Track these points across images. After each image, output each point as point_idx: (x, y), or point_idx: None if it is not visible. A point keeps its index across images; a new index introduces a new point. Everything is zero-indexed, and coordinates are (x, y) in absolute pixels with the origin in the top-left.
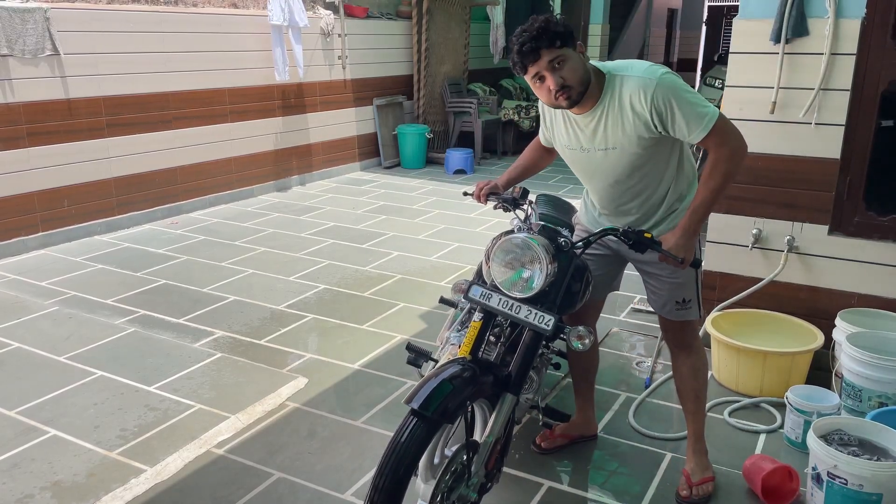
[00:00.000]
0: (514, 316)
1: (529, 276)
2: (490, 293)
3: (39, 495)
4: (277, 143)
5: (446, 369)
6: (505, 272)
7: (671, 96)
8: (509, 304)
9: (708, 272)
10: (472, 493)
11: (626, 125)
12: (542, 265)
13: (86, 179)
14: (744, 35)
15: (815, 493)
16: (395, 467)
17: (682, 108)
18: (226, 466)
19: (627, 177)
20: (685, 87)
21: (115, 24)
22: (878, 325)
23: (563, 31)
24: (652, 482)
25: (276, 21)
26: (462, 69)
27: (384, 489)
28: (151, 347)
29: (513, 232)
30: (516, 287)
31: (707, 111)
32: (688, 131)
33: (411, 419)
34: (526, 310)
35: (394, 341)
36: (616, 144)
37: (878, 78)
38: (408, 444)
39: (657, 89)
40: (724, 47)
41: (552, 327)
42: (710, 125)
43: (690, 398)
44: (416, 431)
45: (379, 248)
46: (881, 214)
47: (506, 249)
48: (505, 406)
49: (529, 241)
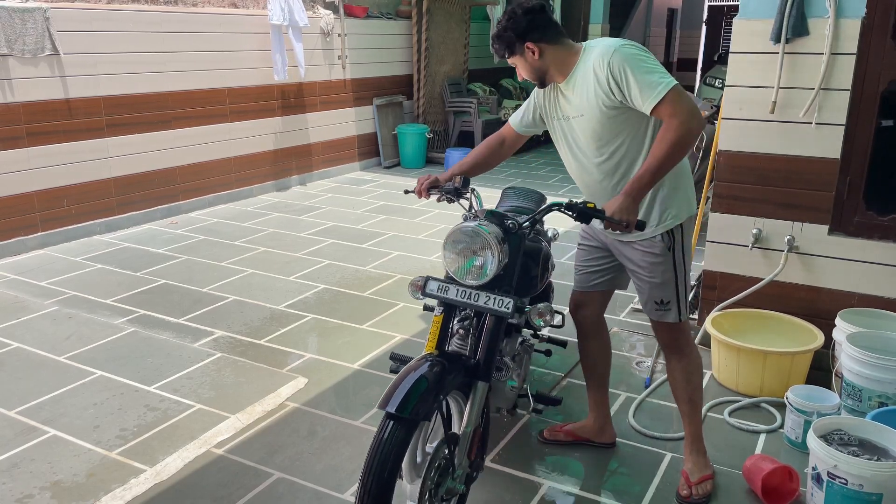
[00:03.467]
0: (474, 304)
1: (482, 262)
2: (447, 286)
3: (39, 495)
4: (277, 143)
5: (415, 368)
6: (457, 260)
7: (626, 64)
8: (467, 294)
9: (708, 272)
10: (459, 486)
11: (590, 91)
12: (492, 250)
13: (85, 179)
14: (744, 35)
15: (815, 493)
16: (378, 472)
17: (636, 76)
18: (226, 466)
19: (598, 149)
20: (643, 58)
21: (114, 24)
22: (878, 325)
23: (507, 44)
24: (652, 482)
25: (276, 21)
26: (462, 69)
27: (372, 494)
28: (151, 347)
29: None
30: (471, 275)
31: (661, 81)
32: (641, 99)
33: (388, 422)
34: (484, 296)
35: (394, 341)
36: (583, 111)
37: (878, 78)
38: (388, 447)
39: (614, 56)
40: (724, 47)
41: (512, 309)
42: (661, 94)
43: (684, 400)
44: (394, 433)
45: (379, 248)
46: (881, 214)
47: (455, 239)
48: (478, 394)
49: (478, 228)
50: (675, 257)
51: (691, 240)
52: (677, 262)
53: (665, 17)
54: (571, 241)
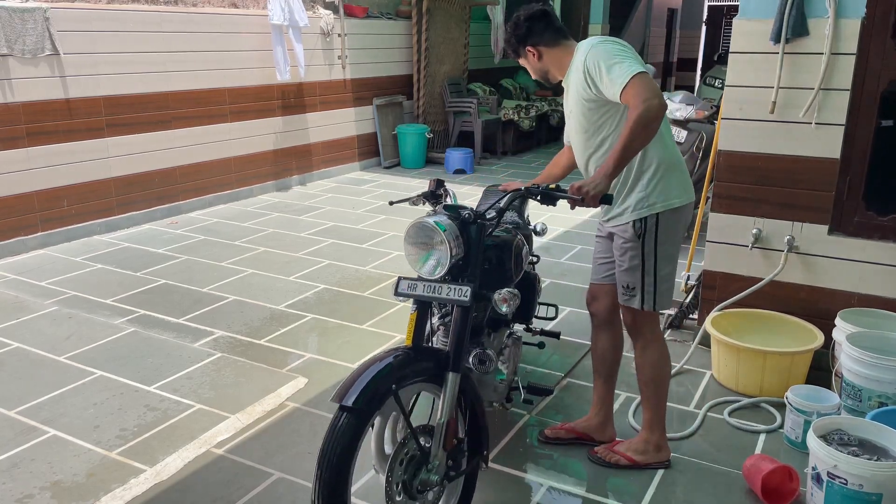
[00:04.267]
0: (437, 297)
1: (438, 255)
2: (416, 283)
3: (39, 495)
4: (277, 143)
5: (373, 362)
6: (416, 254)
7: (599, 57)
8: (432, 288)
9: (708, 272)
10: (433, 476)
11: (574, 84)
12: (445, 243)
13: (85, 179)
14: (744, 35)
15: (815, 493)
16: (331, 463)
17: (607, 68)
18: (225, 466)
19: (585, 141)
20: (615, 52)
21: (114, 24)
22: (878, 325)
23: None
24: (652, 482)
25: (276, 21)
26: (462, 69)
27: (327, 484)
28: (151, 347)
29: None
30: (429, 269)
31: (627, 69)
32: (611, 88)
33: (341, 414)
34: (447, 288)
35: (394, 341)
36: (571, 102)
37: (878, 78)
38: (340, 439)
39: (590, 51)
40: (724, 47)
41: (470, 297)
42: (626, 80)
43: (643, 383)
44: (346, 425)
45: (379, 248)
46: (881, 214)
47: (411, 235)
48: (449, 385)
49: (429, 221)
50: (644, 246)
51: (674, 234)
52: (646, 251)
53: (665, 17)
54: (571, 242)
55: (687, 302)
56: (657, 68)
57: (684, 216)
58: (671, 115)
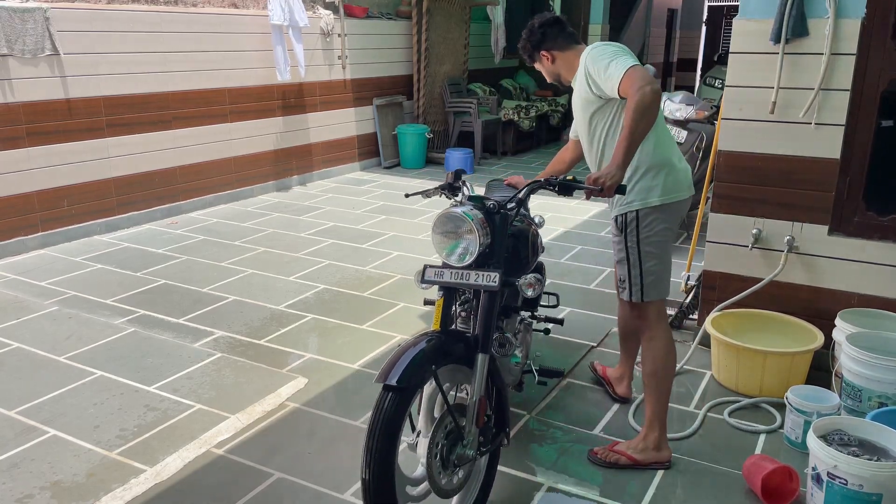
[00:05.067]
0: (465, 283)
1: (466, 244)
2: (442, 271)
3: (39, 495)
4: (277, 143)
5: (412, 344)
6: (444, 243)
7: (596, 59)
8: (459, 275)
9: (708, 272)
10: (468, 451)
11: (579, 85)
12: (474, 232)
13: (85, 179)
14: (744, 35)
15: (815, 493)
16: (380, 439)
17: (604, 67)
18: (226, 466)
19: (592, 136)
20: (610, 52)
21: (114, 24)
22: (878, 325)
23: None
24: (652, 482)
25: (276, 21)
26: (462, 69)
27: (376, 460)
28: (151, 347)
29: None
30: (456, 256)
31: (621, 65)
32: (609, 84)
33: (386, 394)
34: (474, 275)
35: (394, 341)
36: (578, 101)
37: (878, 78)
38: (387, 416)
39: (589, 54)
40: (724, 47)
41: (499, 282)
42: (620, 75)
43: (646, 379)
44: (391, 402)
45: (379, 248)
46: (881, 214)
47: (441, 224)
48: (479, 366)
49: (457, 211)
50: (626, 240)
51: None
52: (629, 245)
53: (665, 17)
54: (571, 242)
55: (687, 302)
56: (657, 68)
57: (670, 213)
58: (671, 115)
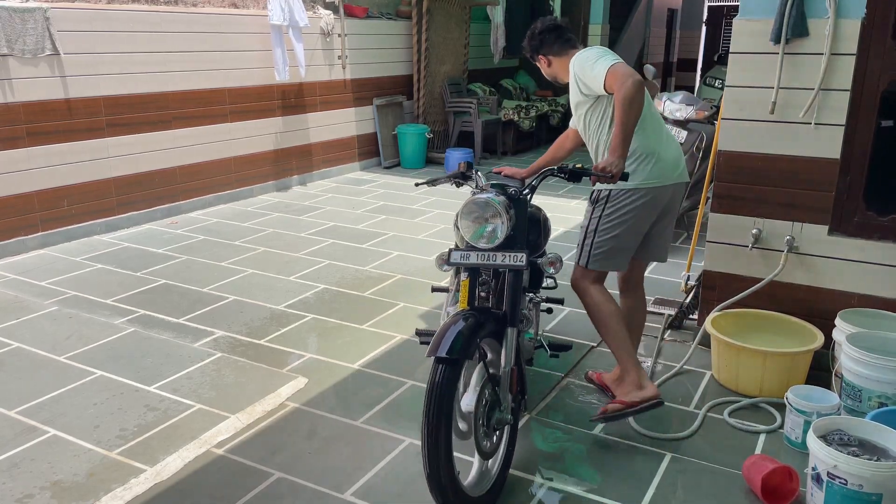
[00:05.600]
0: (493, 263)
1: (493, 227)
2: (468, 253)
3: (39, 495)
4: (277, 143)
5: (454, 322)
6: (472, 227)
7: (583, 63)
8: (486, 256)
9: (708, 272)
10: (506, 415)
11: (572, 85)
12: (501, 216)
13: (85, 179)
14: (744, 35)
15: (815, 493)
16: (437, 409)
17: (589, 68)
18: (226, 466)
19: (585, 129)
20: (593, 56)
21: (114, 24)
22: (878, 325)
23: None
24: (652, 482)
25: (276, 21)
26: (462, 69)
27: (434, 426)
28: (151, 347)
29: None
30: (484, 239)
31: (603, 66)
32: (596, 83)
33: (438, 366)
34: (501, 255)
35: (394, 341)
36: (573, 99)
37: (878, 78)
38: (442, 386)
39: (576, 60)
40: (724, 47)
41: (525, 261)
42: (604, 75)
43: (599, 333)
44: (445, 374)
45: (379, 248)
46: (881, 214)
47: (469, 210)
48: (509, 338)
49: (487, 197)
50: (592, 212)
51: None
52: (593, 216)
53: (665, 17)
54: (571, 242)
55: (687, 302)
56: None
57: (641, 197)
58: (671, 115)
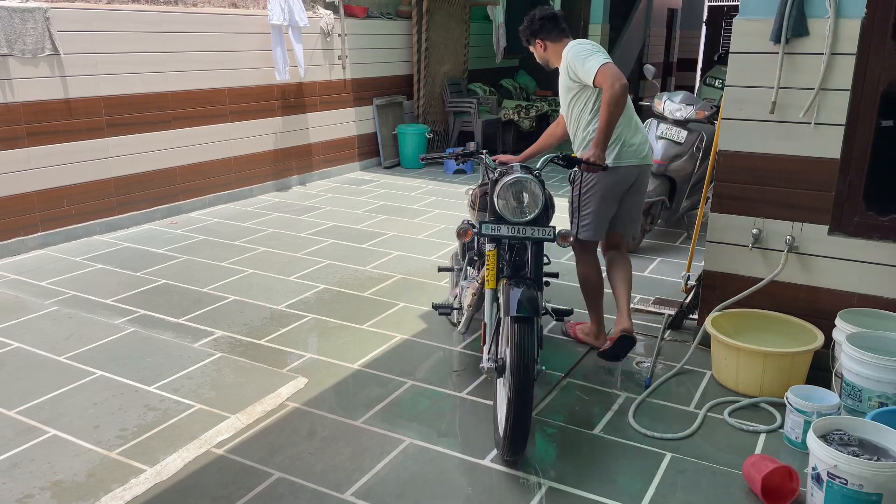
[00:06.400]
0: (523, 236)
1: (531, 201)
2: (499, 226)
3: (39, 495)
4: (277, 143)
5: (512, 287)
6: (510, 203)
7: (577, 53)
8: (517, 229)
9: (708, 272)
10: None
11: (563, 72)
12: (539, 193)
13: (85, 179)
14: (744, 35)
15: (815, 493)
16: (527, 359)
17: (582, 61)
18: (226, 466)
19: (569, 115)
20: (586, 50)
21: (115, 24)
22: (878, 325)
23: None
24: (652, 482)
25: (275, 21)
26: (462, 69)
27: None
28: (151, 347)
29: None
30: (518, 213)
31: (595, 62)
32: (587, 77)
33: (519, 325)
34: (531, 229)
35: (394, 341)
36: (562, 85)
37: (878, 78)
38: (528, 340)
39: (571, 49)
40: (724, 47)
41: (554, 234)
42: (595, 71)
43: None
44: (524, 326)
45: (379, 248)
46: (881, 214)
47: (507, 187)
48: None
49: (523, 176)
50: (573, 190)
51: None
52: (574, 195)
53: (665, 17)
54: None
55: (687, 302)
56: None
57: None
58: (672, 115)
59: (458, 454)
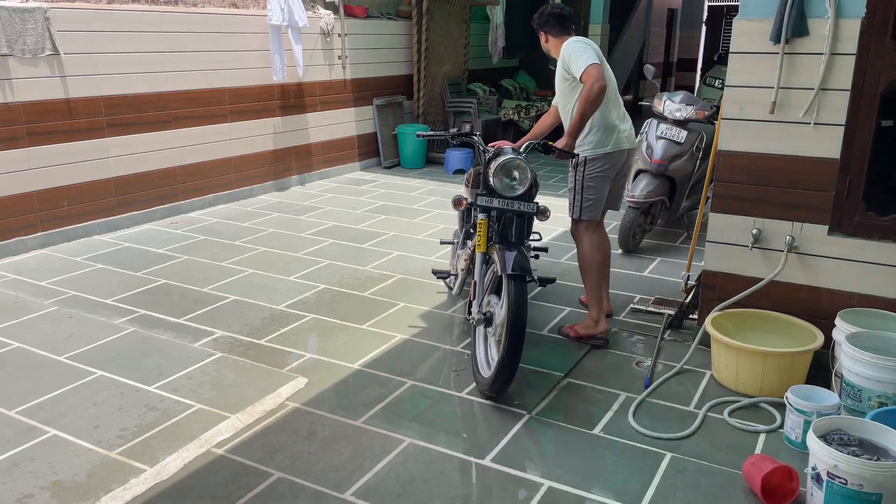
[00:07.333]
0: (511, 209)
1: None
2: (491, 198)
3: (39, 495)
4: (277, 143)
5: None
6: (503, 179)
7: (573, 50)
8: (506, 203)
9: (708, 272)
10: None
11: (559, 65)
12: (528, 172)
13: (85, 179)
14: (744, 35)
15: (815, 493)
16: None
17: (575, 58)
18: (226, 466)
19: (564, 102)
20: (580, 49)
21: (115, 24)
22: (878, 325)
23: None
24: (652, 482)
25: (275, 21)
26: (462, 69)
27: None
28: (151, 347)
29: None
30: (509, 189)
31: (585, 62)
32: (575, 72)
33: (514, 283)
34: (518, 203)
35: (394, 341)
36: (557, 76)
37: (878, 78)
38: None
39: (567, 46)
40: (724, 47)
41: (536, 209)
42: (582, 69)
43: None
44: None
45: (379, 248)
46: (881, 214)
47: (501, 168)
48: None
49: (515, 157)
50: (574, 174)
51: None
52: (577, 179)
53: (665, 17)
54: (570, 241)
55: (687, 302)
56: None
57: (608, 160)
58: (671, 115)
59: (458, 454)
